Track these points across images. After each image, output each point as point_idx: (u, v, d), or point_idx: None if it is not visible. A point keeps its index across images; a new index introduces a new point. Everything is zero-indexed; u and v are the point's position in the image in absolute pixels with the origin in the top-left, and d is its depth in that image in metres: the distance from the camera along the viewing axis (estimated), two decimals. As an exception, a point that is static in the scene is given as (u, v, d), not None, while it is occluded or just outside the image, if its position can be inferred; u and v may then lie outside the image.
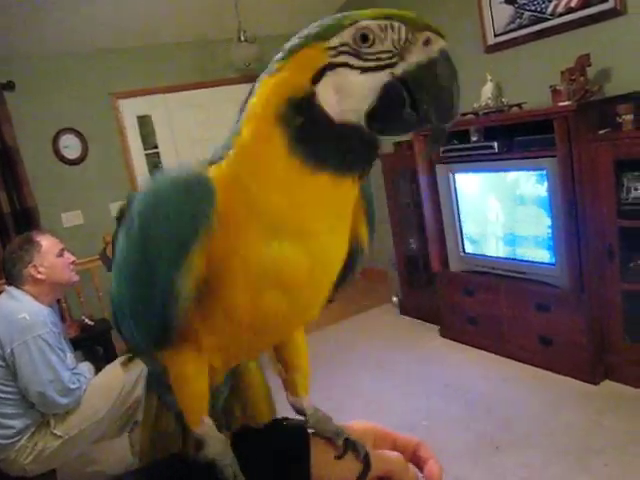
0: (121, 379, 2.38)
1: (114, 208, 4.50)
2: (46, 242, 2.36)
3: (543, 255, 3.02)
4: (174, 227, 0.49)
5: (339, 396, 3.04)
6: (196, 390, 0.57)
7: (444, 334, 3.76)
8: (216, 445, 0.55)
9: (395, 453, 0.59)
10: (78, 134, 4.35)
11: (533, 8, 3.29)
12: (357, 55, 0.47)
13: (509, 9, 3.43)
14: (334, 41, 0.47)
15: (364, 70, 0.47)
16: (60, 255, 2.39)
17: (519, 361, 3.21)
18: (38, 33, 3.87)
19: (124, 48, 4.43)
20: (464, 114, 3.40)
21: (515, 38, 3.44)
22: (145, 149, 4.74)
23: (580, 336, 2.87)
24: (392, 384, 3.21)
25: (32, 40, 3.93)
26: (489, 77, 3.47)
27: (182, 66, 4.68)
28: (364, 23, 0.47)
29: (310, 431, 0.59)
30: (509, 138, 3.07)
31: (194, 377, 0.56)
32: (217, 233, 0.49)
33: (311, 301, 0.57)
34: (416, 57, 0.47)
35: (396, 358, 3.58)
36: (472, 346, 3.53)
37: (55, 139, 4.28)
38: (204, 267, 0.50)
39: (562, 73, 2.91)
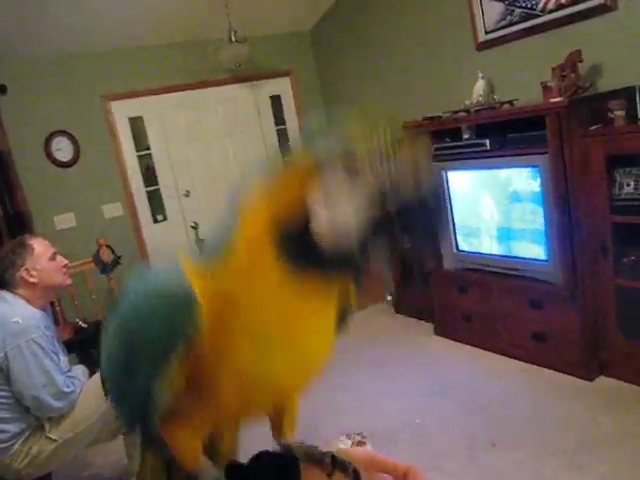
0: (115, 382, 2.37)
1: (107, 210, 4.49)
2: (38, 246, 2.35)
3: (536, 252, 3.03)
4: (156, 339, 0.50)
5: (333, 394, 3.04)
6: (190, 450, 0.59)
7: (438, 332, 3.76)
8: (210, 473, 0.57)
9: (385, 476, 0.60)
10: (70, 136, 4.34)
11: (523, 5, 3.30)
12: (348, 176, 0.47)
13: (499, 6, 3.44)
14: (322, 164, 0.47)
15: (354, 196, 0.47)
16: (52, 259, 2.38)
17: (513, 358, 3.22)
18: (29, 36, 3.85)
19: (115, 50, 4.41)
20: (455, 112, 3.40)
21: (506, 35, 3.45)
22: (137, 150, 4.72)
23: (574, 332, 2.88)
24: (386, 382, 3.21)
25: (23, 43, 3.91)
26: (480, 74, 3.47)
27: (173, 67, 4.67)
28: (357, 148, 0.46)
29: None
30: (501, 135, 3.07)
31: (188, 442, 0.59)
32: (207, 341, 0.50)
33: (299, 388, 0.60)
34: (408, 188, 0.46)
35: (390, 356, 3.58)
36: (466, 343, 3.53)
37: (47, 142, 4.26)
38: (191, 370, 0.52)
39: (553, 69, 2.92)
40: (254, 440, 0.64)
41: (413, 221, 0.48)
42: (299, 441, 0.64)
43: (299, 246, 0.48)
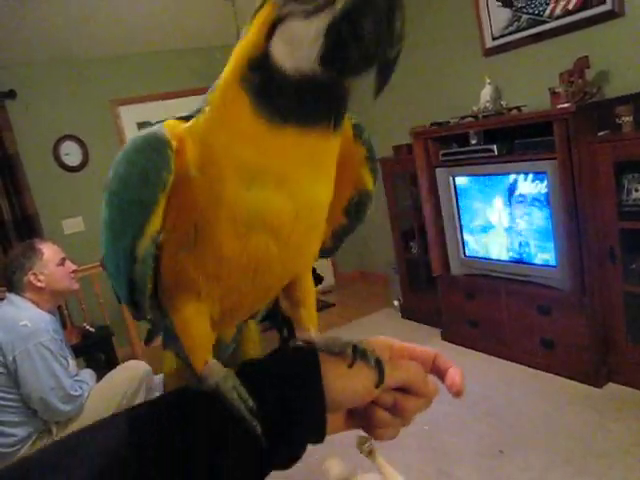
0: (123, 386, 2.38)
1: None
2: (48, 250, 2.37)
3: (544, 258, 3.02)
4: (133, 193, 0.51)
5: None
6: (198, 333, 0.57)
7: (446, 337, 3.75)
8: (219, 372, 0.54)
9: (413, 362, 0.58)
10: (79, 141, 4.37)
11: (531, 11, 3.30)
12: (299, 2, 0.46)
13: (506, 12, 3.44)
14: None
15: (307, 15, 0.46)
16: (61, 264, 2.40)
17: (521, 364, 3.20)
18: (38, 41, 3.89)
19: (124, 55, 4.44)
20: (463, 117, 3.41)
21: (513, 41, 3.45)
22: (145, 155, 4.74)
23: (582, 339, 2.86)
24: (394, 388, 3.20)
25: (32, 49, 3.95)
26: (488, 80, 3.47)
27: (181, 72, 4.69)
28: None
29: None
30: (508, 141, 3.07)
31: (196, 321, 0.57)
32: (199, 182, 0.50)
33: (302, 244, 0.57)
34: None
35: (398, 362, 3.57)
36: (474, 349, 3.52)
37: (56, 146, 4.29)
38: (183, 222, 0.52)
39: (561, 75, 2.92)
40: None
41: (362, 22, 0.44)
42: (321, 335, 0.62)
43: (266, 84, 0.48)
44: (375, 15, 0.44)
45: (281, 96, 0.48)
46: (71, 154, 4.35)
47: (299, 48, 0.46)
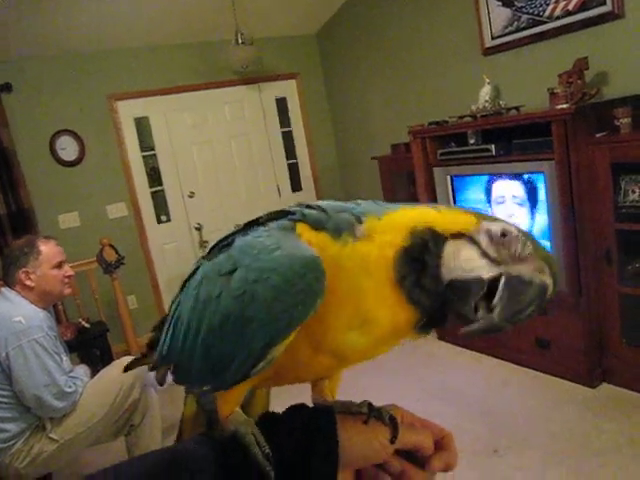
0: (118, 382, 2.37)
1: (111, 210, 4.50)
2: (47, 251, 2.34)
3: (541, 258, 3.02)
4: (283, 311, 0.51)
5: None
6: (235, 398, 0.60)
7: (442, 337, 3.75)
8: (239, 419, 0.56)
9: (423, 429, 0.60)
10: (75, 136, 4.34)
11: (531, 11, 3.29)
12: (491, 243, 0.53)
13: (506, 12, 3.44)
14: (481, 223, 0.54)
15: (485, 256, 0.53)
16: (58, 267, 2.37)
17: (517, 364, 3.21)
18: (35, 35, 3.86)
19: (122, 50, 4.42)
20: (461, 116, 3.40)
21: (513, 41, 3.45)
22: (142, 151, 4.72)
23: (578, 339, 2.87)
24: (390, 387, 3.20)
25: (29, 42, 3.92)
26: (487, 80, 3.47)
27: (180, 68, 4.68)
28: (509, 228, 0.54)
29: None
30: (507, 141, 3.07)
31: (237, 397, 0.59)
32: None
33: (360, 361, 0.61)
34: (523, 271, 0.52)
35: (394, 361, 3.56)
36: (470, 349, 3.52)
37: (52, 141, 4.27)
38: None
39: (560, 76, 2.91)
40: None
41: (505, 297, 0.52)
42: (337, 400, 0.65)
43: (417, 274, 0.52)
44: (518, 299, 0.52)
45: (427, 289, 0.52)
46: (67, 149, 4.33)
47: (465, 271, 0.52)
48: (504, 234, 0.53)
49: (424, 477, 0.58)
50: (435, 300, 0.52)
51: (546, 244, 2.95)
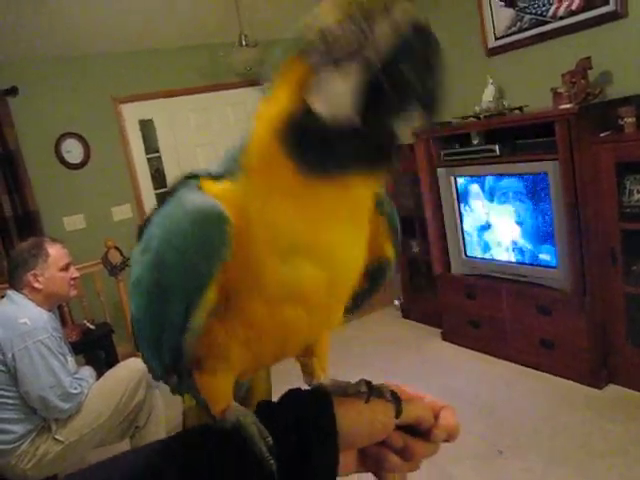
0: (123, 384, 2.38)
1: (116, 212, 4.51)
2: (54, 253, 2.36)
3: (545, 258, 3.02)
4: (190, 268, 0.50)
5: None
6: (221, 390, 0.58)
7: (446, 337, 3.75)
8: (239, 409, 0.56)
9: (423, 402, 0.60)
10: (80, 138, 4.36)
11: (534, 11, 3.29)
12: (329, 55, 0.45)
13: (510, 12, 3.43)
14: (306, 48, 0.47)
15: (339, 67, 0.45)
16: (64, 269, 2.38)
17: (521, 364, 3.20)
18: (41, 38, 3.88)
19: (126, 52, 4.44)
20: (465, 117, 3.40)
21: (516, 41, 3.44)
22: (147, 153, 4.74)
23: (583, 340, 2.86)
24: (394, 388, 3.20)
25: (35, 45, 3.94)
26: (490, 80, 3.47)
27: (184, 70, 4.69)
28: (322, 21, 0.46)
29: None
30: (510, 141, 3.07)
31: (221, 382, 0.58)
32: (235, 254, 0.50)
33: (331, 311, 0.59)
34: (383, 36, 0.44)
35: (398, 361, 3.57)
36: (474, 349, 3.52)
37: (57, 143, 4.28)
38: (222, 287, 0.51)
39: (563, 76, 2.91)
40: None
41: (404, 74, 0.44)
42: (330, 379, 0.63)
43: (306, 139, 0.47)
44: (410, 64, 0.44)
45: (323, 149, 0.47)
46: (72, 151, 4.34)
47: (337, 100, 0.45)
48: (325, 37, 0.45)
49: (427, 449, 0.59)
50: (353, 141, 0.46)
51: (551, 245, 2.95)
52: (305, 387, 0.63)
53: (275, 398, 0.60)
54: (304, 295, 0.52)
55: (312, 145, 0.47)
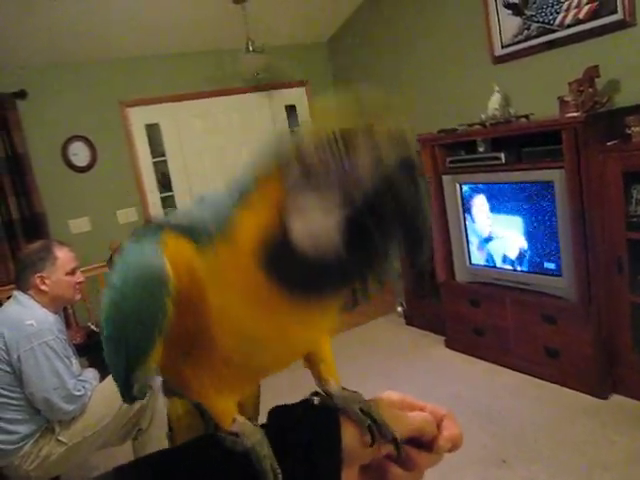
0: (126, 386, 2.38)
1: (121, 215, 4.53)
2: (62, 257, 2.37)
3: (550, 267, 3.01)
4: (137, 311, 0.51)
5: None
6: (229, 410, 0.58)
7: (449, 345, 3.74)
8: (254, 436, 0.55)
9: (421, 413, 0.59)
10: (87, 142, 4.38)
11: (541, 19, 3.29)
12: (309, 182, 0.43)
13: (516, 20, 3.44)
14: (284, 169, 0.45)
15: (320, 199, 0.43)
16: (71, 273, 2.39)
17: (525, 373, 3.19)
18: (49, 42, 3.91)
19: (134, 57, 4.46)
20: (471, 124, 3.40)
21: (523, 49, 3.45)
22: (153, 157, 4.75)
23: (588, 349, 2.85)
24: (397, 395, 3.19)
25: (43, 49, 3.97)
26: (496, 88, 3.47)
27: (191, 75, 4.71)
28: (303, 146, 0.44)
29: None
30: (516, 149, 3.07)
31: (226, 406, 0.58)
32: (186, 317, 0.50)
33: (305, 345, 0.59)
34: (366, 172, 0.41)
35: (401, 369, 3.56)
36: (478, 357, 3.51)
37: (64, 146, 4.31)
38: (182, 334, 0.52)
39: (570, 84, 2.91)
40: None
41: (390, 214, 0.42)
42: (340, 388, 0.63)
43: (284, 262, 0.46)
44: (396, 205, 0.42)
45: (296, 269, 0.46)
46: (79, 154, 4.36)
47: (315, 230, 0.44)
48: (305, 164, 0.43)
49: (430, 459, 0.58)
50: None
51: (556, 254, 2.94)
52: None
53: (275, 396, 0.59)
54: (265, 359, 0.54)
55: (288, 266, 0.46)
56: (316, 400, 0.60)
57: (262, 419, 0.59)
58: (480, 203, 3.38)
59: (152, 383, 2.46)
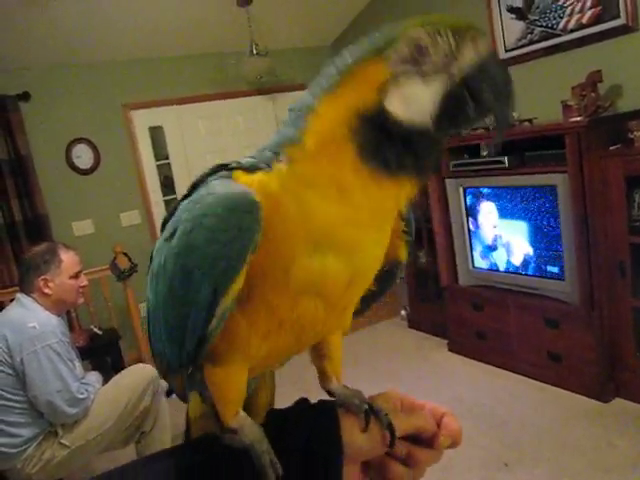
0: (129, 389, 2.38)
1: (124, 218, 4.54)
2: (67, 260, 2.37)
3: (553, 271, 3.01)
4: (220, 251, 0.49)
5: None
6: (235, 388, 0.58)
7: (452, 349, 3.74)
8: (253, 432, 0.56)
9: (424, 411, 0.60)
10: (90, 144, 4.40)
11: (544, 24, 3.30)
12: (415, 64, 0.49)
13: (520, 25, 3.45)
14: (391, 54, 0.50)
15: (424, 77, 0.49)
16: (75, 277, 2.40)
17: (528, 377, 3.19)
18: (53, 45, 3.93)
19: (137, 60, 4.48)
20: (474, 129, 3.40)
21: (526, 53, 3.45)
22: (156, 160, 4.77)
23: (590, 353, 2.85)
24: (400, 398, 3.19)
25: (47, 52, 3.99)
26: (500, 92, 3.46)
27: (194, 78, 4.72)
28: (415, 34, 0.49)
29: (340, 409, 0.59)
30: (520, 153, 3.07)
31: (235, 377, 0.58)
32: (264, 243, 0.50)
33: (347, 307, 0.60)
34: (469, 58, 0.49)
35: (404, 372, 3.56)
36: (481, 361, 3.50)
37: (68, 149, 4.32)
38: (247, 275, 0.51)
39: (573, 89, 2.91)
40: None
41: (482, 87, 0.50)
42: (342, 386, 0.64)
43: (376, 135, 0.49)
44: (492, 80, 0.50)
45: (393, 148, 0.50)
46: (82, 157, 4.38)
47: (415, 106, 0.49)
48: (419, 47, 0.49)
49: (431, 456, 0.59)
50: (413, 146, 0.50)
51: (559, 258, 2.94)
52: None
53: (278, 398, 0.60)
54: (326, 288, 0.53)
55: (380, 141, 0.50)
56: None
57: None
58: (483, 207, 3.38)
59: (157, 388, 2.47)
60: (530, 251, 3.14)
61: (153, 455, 0.58)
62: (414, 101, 0.49)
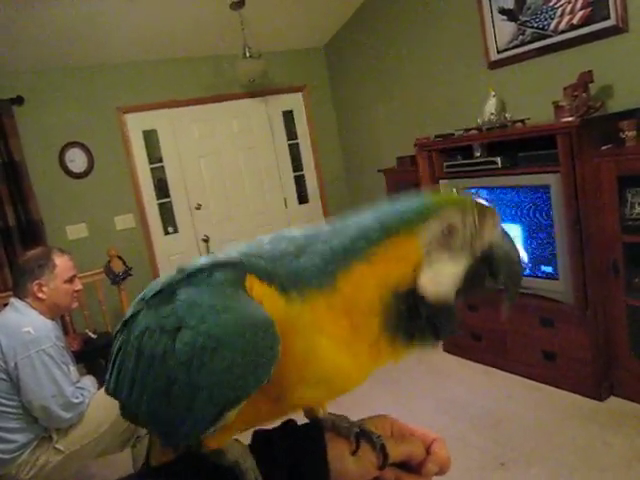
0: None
1: (119, 221, 4.53)
2: (61, 265, 2.36)
3: (547, 270, 3.02)
4: (239, 381, 0.49)
5: (340, 411, 3.02)
6: (220, 441, 0.58)
7: (448, 349, 3.74)
8: (237, 450, 0.56)
9: (414, 437, 0.61)
10: (84, 148, 4.39)
11: (535, 25, 3.32)
12: (444, 241, 0.53)
13: (511, 26, 3.46)
14: (423, 232, 0.52)
15: (451, 253, 0.53)
16: (69, 281, 2.38)
17: (523, 377, 3.19)
18: (46, 48, 3.92)
19: (131, 63, 4.48)
20: (467, 129, 3.42)
21: (518, 54, 3.47)
22: (150, 163, 4.76)
23: (585, 352, 2.86)
24: (395, 399, 3.19)
25: (40, 55, 3.98)
26: (492, 93, 3.49)
27: (188, 81, 4.73)
28: (447, 214, 0.53)
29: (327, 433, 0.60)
30: (512, 154, 3.08)
31: (220, 441, 0.57)
32: None
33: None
34: (488, 238, 0.54)
35: (399, 373, 3.56)
36: (476, 361, 3.51)
37: (61, 153, 4.31)
38: None
39: (565, 89, 2.93)
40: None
41: (500, 265, 0.55)
42: (327, 413, 0.64)
43: (406, 309, 0.52)
44: (507, 258, 0.56)
45: (418, 320, 0.52)
46: (76, 160, 4.37)
47: (444, 282, 0.53)
48: (451, 229, 0.53)
49: None
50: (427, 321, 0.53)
51: (553, 257, 2.95)
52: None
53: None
54: (311, 404, 0.59)
55: (412, 317, 0.52)
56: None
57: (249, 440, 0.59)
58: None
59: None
60: (524, 251, 3.15)
61: (139, 473, 0.57)
62: (443, 277, 0.53)
